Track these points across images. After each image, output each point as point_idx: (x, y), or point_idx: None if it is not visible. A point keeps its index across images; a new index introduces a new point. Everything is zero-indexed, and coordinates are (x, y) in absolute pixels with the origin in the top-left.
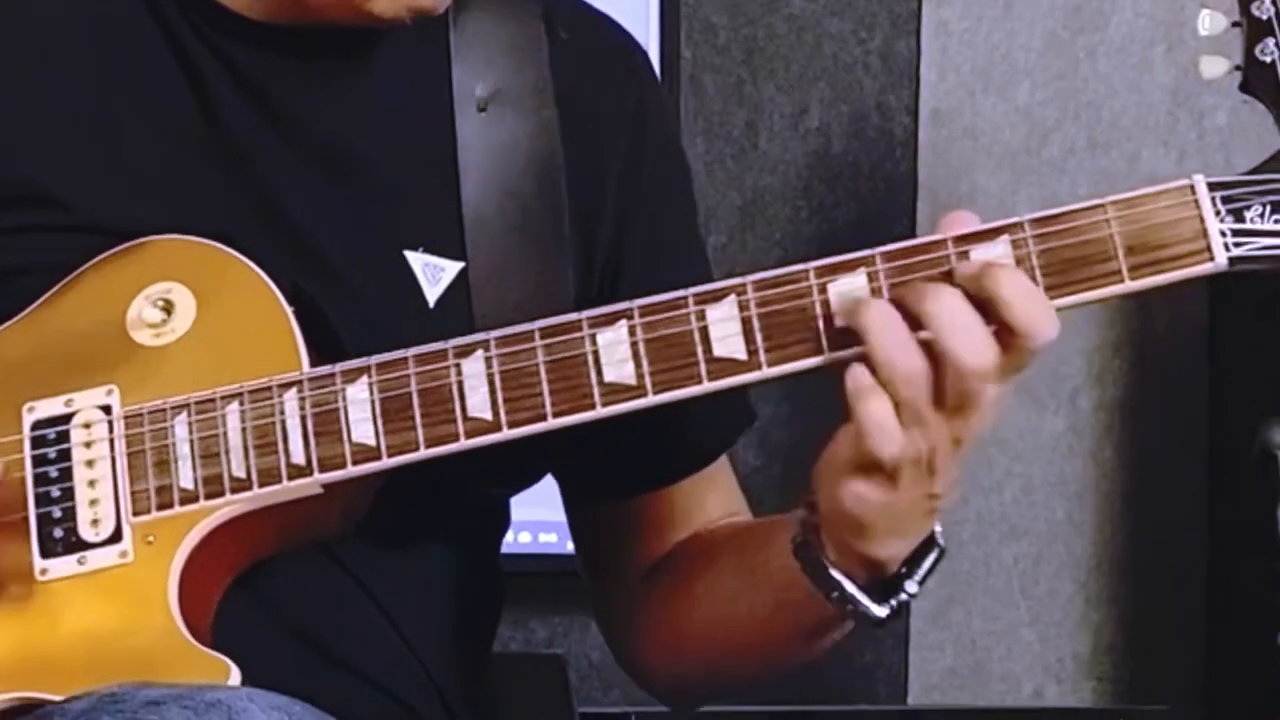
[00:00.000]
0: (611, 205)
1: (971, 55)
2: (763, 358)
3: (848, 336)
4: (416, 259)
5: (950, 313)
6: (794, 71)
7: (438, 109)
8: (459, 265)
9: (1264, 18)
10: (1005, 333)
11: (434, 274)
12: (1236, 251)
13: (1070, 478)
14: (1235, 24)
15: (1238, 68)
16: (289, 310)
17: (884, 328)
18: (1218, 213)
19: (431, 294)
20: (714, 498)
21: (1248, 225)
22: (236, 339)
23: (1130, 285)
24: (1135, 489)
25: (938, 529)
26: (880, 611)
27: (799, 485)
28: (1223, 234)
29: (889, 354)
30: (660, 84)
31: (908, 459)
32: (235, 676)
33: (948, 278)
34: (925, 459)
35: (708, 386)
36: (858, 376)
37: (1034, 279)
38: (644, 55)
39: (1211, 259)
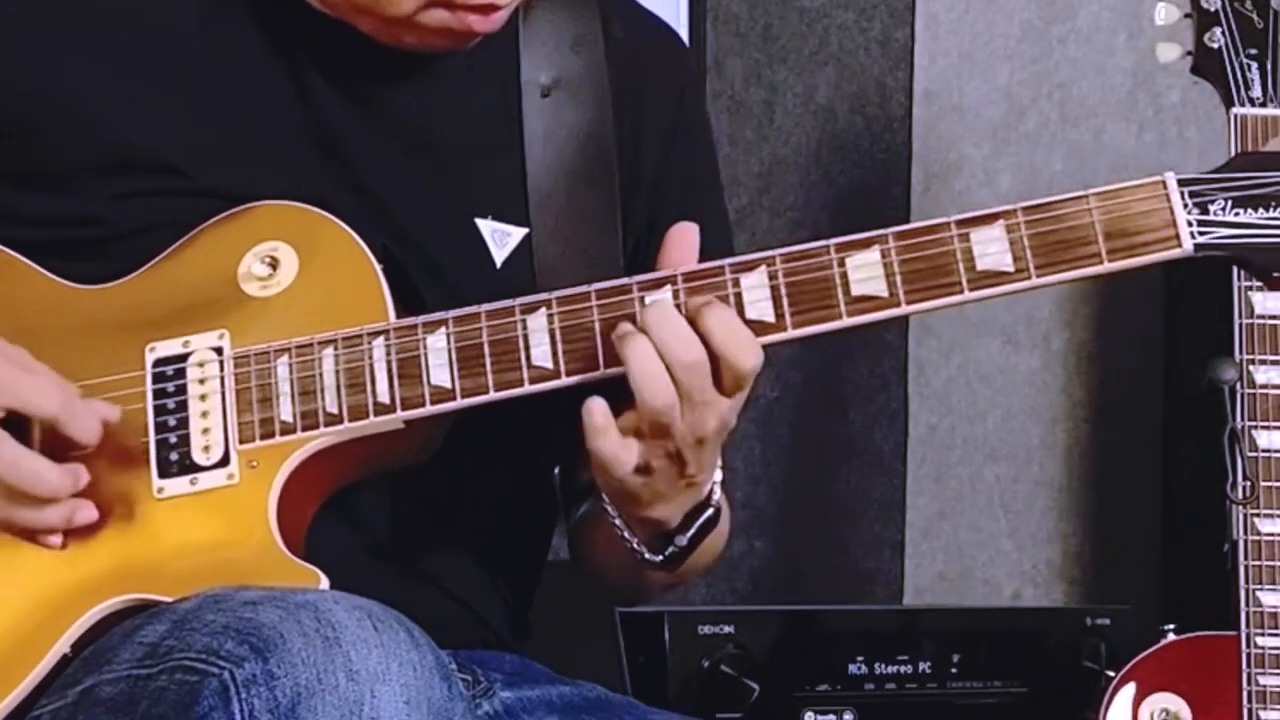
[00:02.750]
0: (647, 182)
1: (958, 42)
2: (788, 320)
3: (866, 302)
4: (486, 225)
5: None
6: (805, 56)
7: (506, 94)
8: (523, 231)
9: (1212, 9)
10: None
11: (501, 238)
12: (1201, 239)
13: (1044, 408)
14: (1187, 15)
15: (1189, 53)
16: (378, 268)
17: (641, 355)
18: (1185, 205)
19: (499, 256)
20: None
21: (1211, 217)
22: (332, 292)
23: (1108, 266)
24: (1100, 418)
25: (715, 496)
26: (654, 558)
27: (809, 419)
28: (1189, 224)
29: (642, 382)
30: (699, 79)
31: (656, 457)
32: (324, 584)
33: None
34: (673, 454)
35: None
36: (598, 410)
37: (1025, 260)
38: (688, 55)
39: (1180, 245)
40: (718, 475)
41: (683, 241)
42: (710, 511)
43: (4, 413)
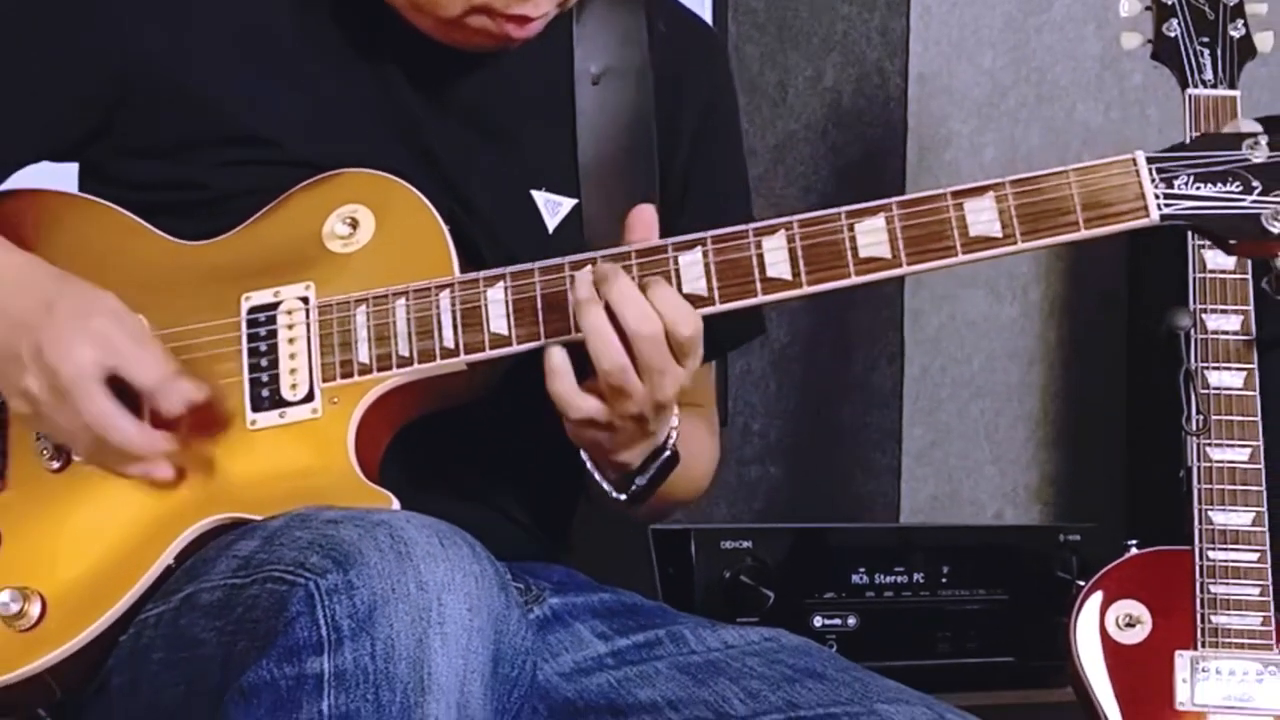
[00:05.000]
0: (682, 161)
1: (948, 31)
2: (804, 278)
3: (872, 263)
4: (540, 196)
5: (622, 296)
6: (814, 43)
7: (561, 81)
8: (573, 201)
9: (1169, 3)
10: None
11: (553, 208)
12: (1167, 210)
13: (1022, 351)
14: (1148, 8)
15: (1149, 41)
16: (445, 229)
17: (595, 327)
18: (1153, 180)
19: (551, 223)
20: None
21: (1176, 190)
22: (404, 249)
23: (1084, 233)
24: (1072, 360)
25: (671, 440)
26: (617, 495)
27: (818, 360)
28: (1156, 197)
29: (596, 344)
30: (731, 71)
31: (617, 416)
32: (396, 506)
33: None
34: (635, 415)
35: (762, 299)
36: (557, 355)
37: (1012, 227)
38: (723, 50)
39: (1148, 216)
40: (674, 422)
41: (641, 221)
42: (667, 454)
43: (109, 373)
